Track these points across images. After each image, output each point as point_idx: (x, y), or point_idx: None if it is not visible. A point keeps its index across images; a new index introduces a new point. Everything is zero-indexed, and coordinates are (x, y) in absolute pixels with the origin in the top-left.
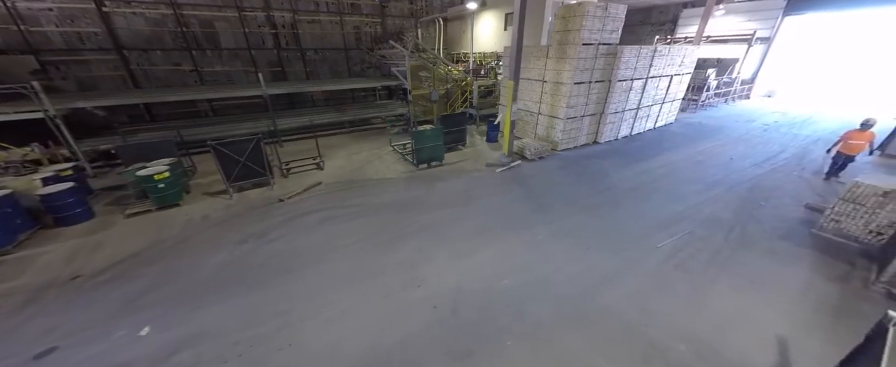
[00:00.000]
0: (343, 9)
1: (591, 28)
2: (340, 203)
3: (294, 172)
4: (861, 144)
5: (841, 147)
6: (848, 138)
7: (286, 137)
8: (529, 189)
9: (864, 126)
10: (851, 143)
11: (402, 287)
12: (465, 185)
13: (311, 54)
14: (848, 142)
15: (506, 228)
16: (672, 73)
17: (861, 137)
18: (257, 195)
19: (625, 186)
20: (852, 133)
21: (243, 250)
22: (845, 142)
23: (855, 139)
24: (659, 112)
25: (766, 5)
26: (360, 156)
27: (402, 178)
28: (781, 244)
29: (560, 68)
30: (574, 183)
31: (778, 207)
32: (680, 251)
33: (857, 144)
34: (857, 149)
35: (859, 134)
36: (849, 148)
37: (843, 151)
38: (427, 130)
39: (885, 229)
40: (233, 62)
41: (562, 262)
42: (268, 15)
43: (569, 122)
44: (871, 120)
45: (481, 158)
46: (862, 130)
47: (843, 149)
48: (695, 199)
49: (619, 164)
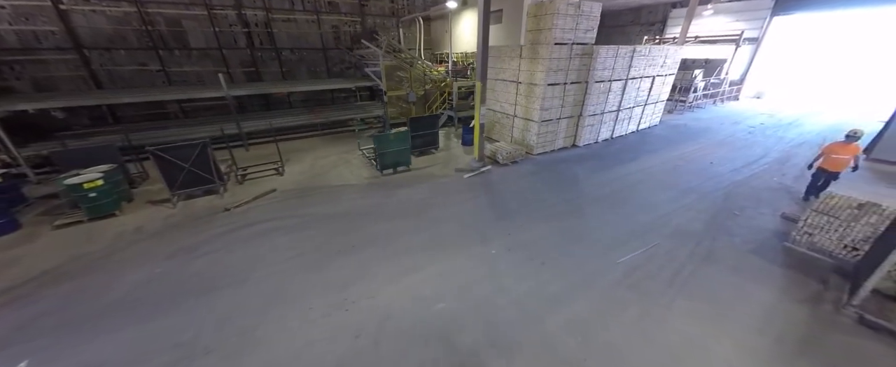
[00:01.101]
0: (320, 7)
1: (563, 27)
2: (290, 213)
3: (252, 178)
4: (845, 160)
5: (822, 162)
6: (830, 152)
7: (254, 140)
8: (494, 197)
9: (850, 138)
10: (834, 157)
11: (326, 311)
12: (428, 192)
13: (288, 54)
14: (830, 157)
15: (459, 240)
16: (654, 74)
17: (845, 151)
18: (204, 204)
19: (595, 193)
20: (835, 146)
21: (167, 268)
22: (827, 157)
23: (838, 153)
24: (642, 114)
25: (753, 5)
26: (326, 160)
27: (363, 184)
28: (750, 260)
29: (533, 69)
30: (542, 190)
31: (752, 216)
32: (640, 268)
33: (841, 160)
34: (840, 165)
35: (843, 147)
36: (831, 164)
37: (825, 166)
38: (391, 133)
39: (860, 245)
40: (203, 62)
41: (511, 280)
42: (239, 13)
43: (543, 125)
44: (858, 131)
45: (453, 163)
46: (846, 143)
47: (824, 165)
48: (666, 208)
49: (594, 169)
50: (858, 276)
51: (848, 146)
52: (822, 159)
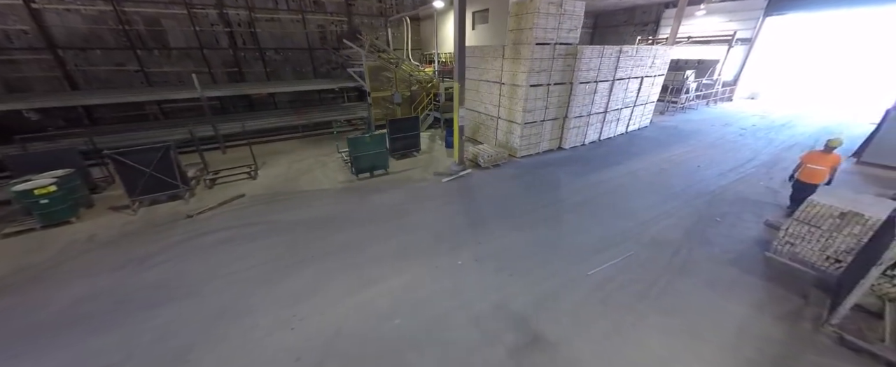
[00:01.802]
0: (305, 6)
1: (545, 27)
2: (255, 219)
3: (223, 182)
4: (821, 172)
5: (800, 173)
6: (807, 162)
7: (232, 142)
8: (470, 202)
9: (828, 148)
10: (810, 168)
11: (271, 330)
12: (402, 197)
13: (272, 54)
14: (807, 166)
15: (427, 249)
16: (642, 75)
17: (822, 162)
18: (167, 210)
19: (575, 198)
20: (813, 155)
21: (114, 280)
22: (805, 167)
23: (816, 163)
24: (630, 116)
25: (746, 5)
26: (303, 163)
27: (337, 189)
28: (729, 272)
29: (515, 70)
30: (521, 195)
31: (735, 224)
32: (612, 280)
33: (817, 171)
34: (816, 177)
35: (821, 157)
36: (807, 175)
37: (802, 178)
38: (367, 136)
39: (842, 256)
40: (184, 62)
41: (474, 294)
42: (221, 12)
43: (527, 127)
44: (837, 141)
45: (434, 166)
46: (824, 153)
47: (801, 176)
48: (646, 214)
49: (578, 172)
50: (840, 290)
51: (826, 156)
52: (800, 169)
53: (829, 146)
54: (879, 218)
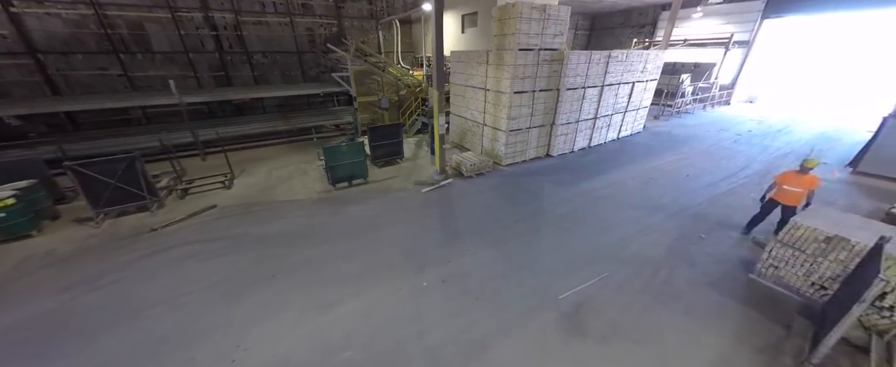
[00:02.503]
0: (293, 9)
1: (527, 32)
2: (222, 233)
3: (196, 192)
4: (796, 194)
5: (775, 193)
6: (782, 183)
7: (215, 148)
8: (447, 215)
9: (804, 169)
10: (785, 189)
11: (209, 365)
12: (378, 209)
13: (260, 58)
14: (782, 187)
15: (394, 268)
16: (633, 80)
17: (798, 183)
18: (133, 223)
19: (556, 210)
20: (788, 175)
21: (59, 302)
22: (779, 187)
23: (790, 184)
24: (622, 121)
25: (743, 7)
26: (283, 171)
27: (312, 199)
28: (709, 296)
29: (499, 76)
30: (501, 207)
31: (720, 241)
32: (584, 304)
33: (792, 193)
34: (791, 199)
35: (797, 178)
36: (781, 196)
37: (777, 198)
38: (343, 145)
39: (828, 283)
40: (168, 66)
41: (434, 320)
42: (206, 15)
43: (512, 134)
44: (814, 161)
45: (416, 175)
46: (800, 173)
47: (777, 196)
48: (628, 229)
49: (563, 182)
50: (824, 320)
51: (802, 177)
52: (775, 190)
53: (805, 166)
54: (866, 245)
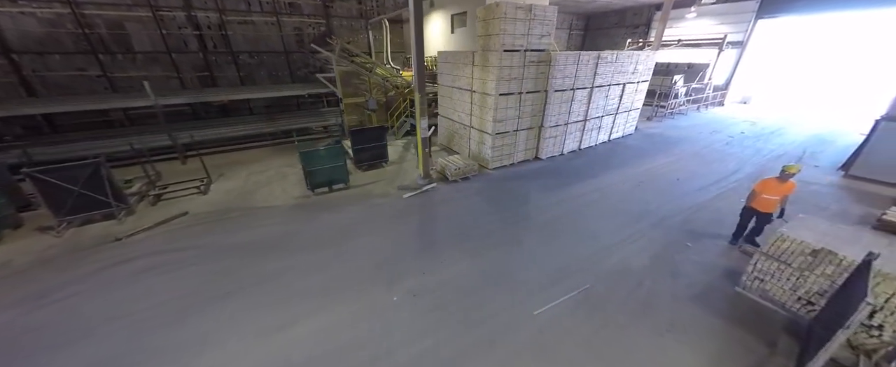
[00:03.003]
0: (280, 8)
1: (513, 32)
2: (190, 243)
3: (170, 197)
4: (772, 201)
5: (752, 201)
6: (761, 192)
7: (195, 151)
8: (426, 222)
9: (785, 175)
10: (764, 197)
11: None
12: (356, 216)
13: (246, 58)
14: (761, 196)
15: (365, 281)
16: (624, 81)
17: (776, 190)
18: (98, 232)
19: (540, 217)
20: (768, 184)
21: (3, 320)
22: (758, 195)
23: (768, 193)
24: (613, 123)
25: (737, 8)
26: (263, 175)
27: (288, 206)
28: (691, 311)
29: (485, 78)
30: (483, 213)
31: (706, 249)
32: (558, 322)
33: (768, 201)
34: (766, 206)
35: (776, 185)
36: (760, 204)
37: (754, 206)
38: (321, 149)
39: (815, 299)
40: (151, 67)
41: (402, 338)
42: (189, 15)
43: (498, 137)
44: (795, 167)
45: (400, 179)
46: (780, 181)
47: (754, 204)
48: (613, 237)
49: (549, 187)
50: (810, 339)
51: (781, 185)
52: (753, 198)
53: (786, 173)
54: (854, 260)
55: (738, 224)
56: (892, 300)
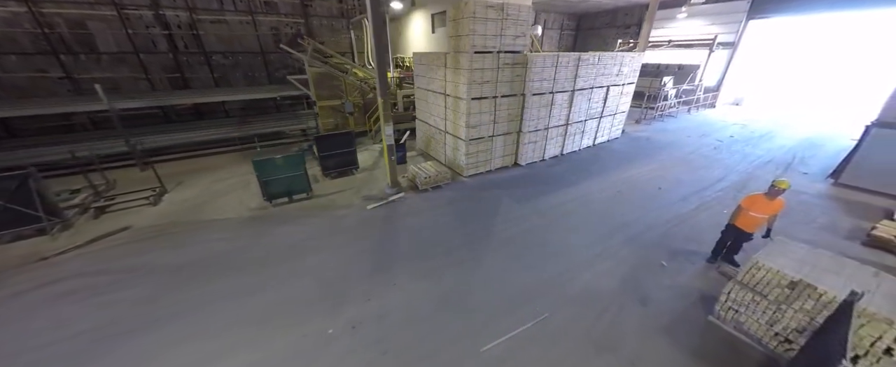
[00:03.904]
0: (255, 7)
1: (484, 33)
2: (122, 263)
3: (118, 209)
4: (758, 220)
5: (736, 219)
6: (748, 208)
7: (157, 157)
8: (386, 238)
9: (774, 191)
10: (751, 215)
11: None
12: (311, 230)
13: (219, 59)
14: (748, 213)
15: (303, 309)
16: (608, 84)
17: (765, 208)
18: (25, 249)
19: (509, 231)
20: (757, 200)
21: None
22: (744, 212)
23: (755, 210)
24: (597, 127)
25: (728, 8)
26: (224, 183)
27: (242, 218)
28: (658, 344)
29: (457, 81)
30: (449, 227)
31: (682, 269)
32: (506, 361)
33: (754, 219)
34: (751, 225)
35: (764, 203)
36: (745, 221)
37: (737, 224)
38: (278, 157)
39: (793, 336)
40: (118, 68)
41: None
42: (156, 13)
43: (472, 144)
44: (785, 182)
45: (368, 188)
46: (769, 197)
47: (738, 221)
48: (583, 254)
49: (523, 196)
50: None
51: (771, 203)
52: (739, 214)
53: (776, 188)
54: (835, 296)
55: (718, 241)
56: (879, 344)
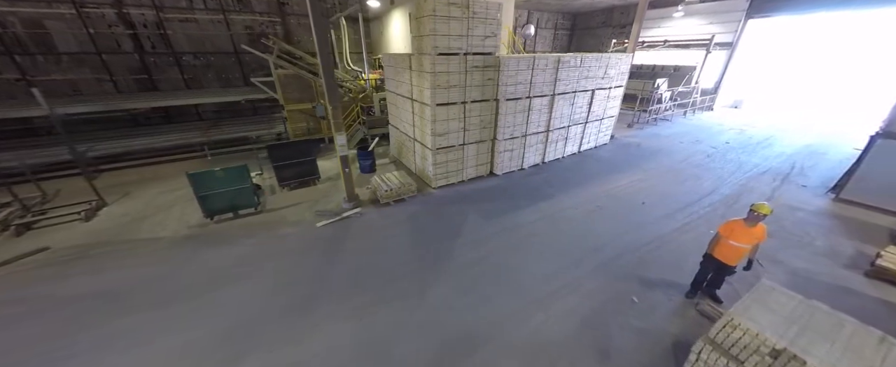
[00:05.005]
0: (227, 6)
1: (447, 33)
2: (25, 292)
3: (44, 225)
4: (739, 250)
5: (714, 248)
6: (727, 236)
7: (112, 164)
8: (324, 264)
9: (754, 217)
10: (730, 245)
11: None
12: (247, 253)
13: (190, 59)
14: (727, 242)
15: (195, 361)
16: (593, 87)
17: (745, 237)
18: None
19: (466, 256)
20: (735, 227)
21: None
22: (722, 241)
23: (735, 239)
24: (582, 133)
25: (726, 7)
26: (171, 195)
27: (177, 237)
28: None
29: (421, 85)
30: (400, 250)
31: (656, 306)
32: None
33: (734, 250)
34: (730, 257)
35: (743, 231)
36: (723, 252)
37: (715, 254)
38: (217, 170)
39: None
40: (79, 69)
41: None
42: (120, 12)
43: (440, 153)
44: (766, 207)
45: (325, 201)
46: (748, 225)
47: (715, 251)
48: (543, 288)
49: (492, 212)
50: None
51: (750, 231)
52: (718, 243)
53: (755, 214)
54: None
55: (698, 273)
56: None
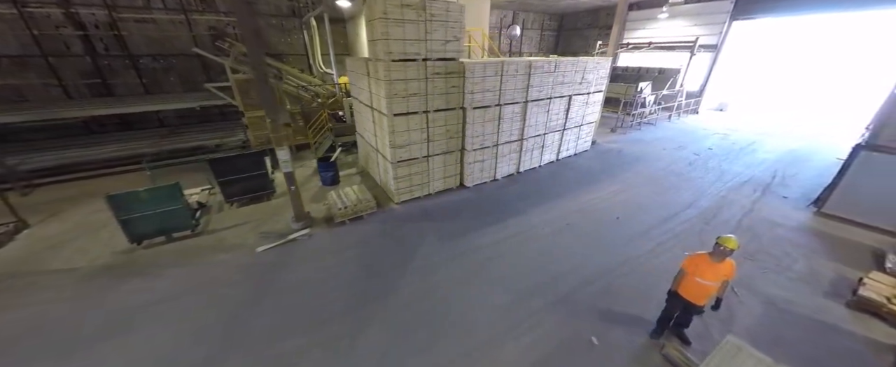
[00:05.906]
0: (189, 5)
1: (402, 37)
2: None
3: None
4: (705, 288)
5: (679, 285)
6: (691, 272)
7: (55, 177)
8: (253, 299)
9: (720, 252)
10: (696, 282)
11: None
12: (165, 288)
13: (149, 62)
14: (690, 279)
15: None
16: (569, 93)
17: (712, 274)
18: None
19: (411, 289)
20: (701, 262)
21: None
22: (686, 279)
23: (701, 276)
24: (560, 141)
25: (710, 8)
26: (105, 214)
27: (95, 267)
28: None
29: (379, 92)
30: (342, 283)
31: (617, 348)
32: None
33: (701, 287)
34: (699, 295)
35: (708, 267)
36: (688, 289)
37: (680, 291)
38: (142, 190)
39: None
40: (22, 73)
41: None
42: (67, 12)
43: (401, 166)
44: (732, 241)
45: (274, 221)
46: (715, 259)
47: (680, 288)
48: (494, 327)
49: (452, 233)
50: None
51: (716, 267)
52: (681, 280)
53: (721, 248)
54: None
55: (664, 310)
56: None
